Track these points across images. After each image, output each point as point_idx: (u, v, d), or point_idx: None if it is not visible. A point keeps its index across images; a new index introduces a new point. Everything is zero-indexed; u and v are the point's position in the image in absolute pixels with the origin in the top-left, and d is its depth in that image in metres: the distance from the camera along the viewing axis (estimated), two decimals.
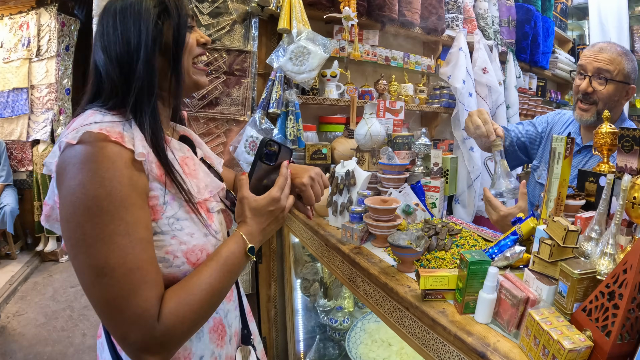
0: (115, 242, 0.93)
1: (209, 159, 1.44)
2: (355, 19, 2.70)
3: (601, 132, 1.53)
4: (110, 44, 1.09)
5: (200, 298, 1.04)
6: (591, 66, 2.08)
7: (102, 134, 0.98)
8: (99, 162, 0.95)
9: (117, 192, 0.95)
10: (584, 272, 1.04)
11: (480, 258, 1.21)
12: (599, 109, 2.09)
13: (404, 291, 1.39)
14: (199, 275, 1.07)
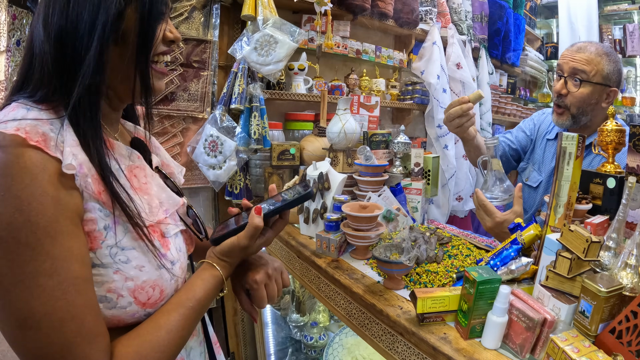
0: (39, 285, 0.72)
1: (167, 167, 1.20)
2: (329, 3, 2.51)
3: (607, 130, 1.42)
4: (54, 15, 0.84)
5: (161, 348, 0.87)
6: (567, 66, 2.00)
7: (18, 136, 0.74)
8: (14, 177, 0.72)
9: (38, 218, 0.73)
10: (611, 289, 0.94)
11: (489, 276, 1.07)
12: (572, 113, 2.02)
13: (396, 314, 1.22)
14: (159, 319, 0.90)
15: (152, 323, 0.88)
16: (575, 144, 1.21)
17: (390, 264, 1.30)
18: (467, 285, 1.08)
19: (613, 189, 1.34)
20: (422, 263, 1.44)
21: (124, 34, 0.88)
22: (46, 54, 0.83)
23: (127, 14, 0.87)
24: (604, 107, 2.01)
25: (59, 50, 0.83)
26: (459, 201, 3.78)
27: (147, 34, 0.90)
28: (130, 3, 0.87)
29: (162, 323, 0.88)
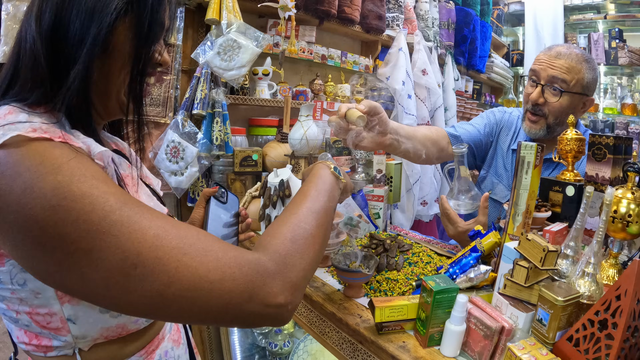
0: (114, 222, 0.66)
1: (147, 179, 1.17)
2: (293, 9, 2.50)
3: (567, 139, 1.44)
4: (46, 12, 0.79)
5: (311, 220, 0.91)
6: (545, 73, 1.83)
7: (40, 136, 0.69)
8: (45, 154, 0.67)
9: (83, 171, 0.68)
10: (568, 297, 0.96)
11: (446, 286, 1.08)
12: (549, 123, 1.87)
13: (355, 322, 1.22)
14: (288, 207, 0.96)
15: (292, 211, 0.93)
16: (534, 153, 1.22)
17: (350, 273, 1.29)
18: (425, 294, 1.08)
19: (572, 197, 1.36)
20: (382, 270, 1.43)
21: (113, 49, 0.83)
22: (38, 50, 0.78)
23: (118, 29, 0.83)
24: (578, 116, 1.89)
25: (49, 50, 0.79)
26: (423, 206, 3.80)
27: (142, 55, 0.87)
28: (124, 17, 0.83)
29: (303, 209, 0.93)
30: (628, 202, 1.05)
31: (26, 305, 0.80)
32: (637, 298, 0.85)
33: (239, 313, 0.73)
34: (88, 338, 0.85)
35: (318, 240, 0.89)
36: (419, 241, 1.76)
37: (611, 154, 1.27)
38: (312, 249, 0.86)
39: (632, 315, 0.85)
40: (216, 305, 0.71)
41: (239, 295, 0.71)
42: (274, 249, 0.80)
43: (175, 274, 0.67)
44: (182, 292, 0.68)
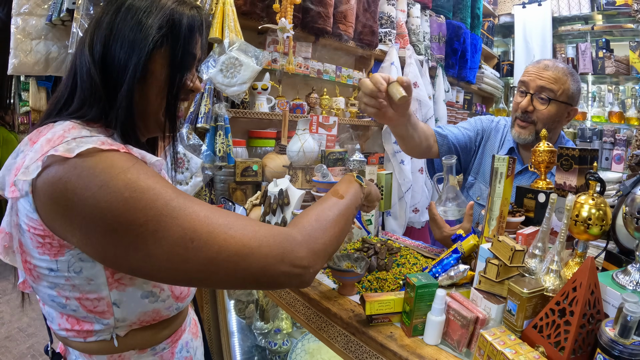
0: (173, 207, 0.82)
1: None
2: (291, 31, 2.63)
3: (539, 151, 1.57)
4: (97, 44, 0.97)
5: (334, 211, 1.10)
6: (534, 84, 1.98)
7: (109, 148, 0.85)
8: (114, 160, 0.83)
9: (145, 171, 0.85)
10: (532, 290, 1.06)
11: (427, 281, 1.20)
12: (538, 129, 1.99)
13: (348, 316, 1.34)
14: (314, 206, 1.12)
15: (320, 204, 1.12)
16: (506, 165, 1.36)
17: (344, 272, 1.41)
18: (409, 289, 1.21)
19: (543, 203, 1.49)
20: (372, 271, 1.56)
21: (151, 75, 0.99)
22: (95, 75, 0.96)
23: (155, 58, 0.99)
24: (563, 124, 2.06)
25: (102, 75, 0.96)
26: (415, 213, 3.90)
27: (175, 82, 1.03)
28: (160, 49, 0.99)
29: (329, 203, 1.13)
30: (589, 207, 1.15)
31: (77, 292, 0.93)
32: (591, 289, 0.96)
33: (273, 272, 0.89)
34: (127, 322, 0.99)
35: (339, 225, 1.07)
36: (407, 245, 1.89)
37: (577, 164, 1.40)
38: (332, 229, 1.04)
39: (587, 304, 0.95)
40: (256, 267, 0.87)
41: (274, 258, 0.88)
42: (302, 224, 0.99)
43: (224, 244, 0.84)
44: (229, 257, 0.84)
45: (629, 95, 4.83)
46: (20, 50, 2.65)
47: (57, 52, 2.75)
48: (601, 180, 1.19)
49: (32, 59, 2.69)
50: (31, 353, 3.79)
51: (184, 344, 1.17)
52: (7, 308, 4.55)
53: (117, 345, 1.00)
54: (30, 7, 2.67)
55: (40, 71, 2.75)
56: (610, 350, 0.88)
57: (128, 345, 1.02)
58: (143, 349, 1.05)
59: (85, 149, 0.81)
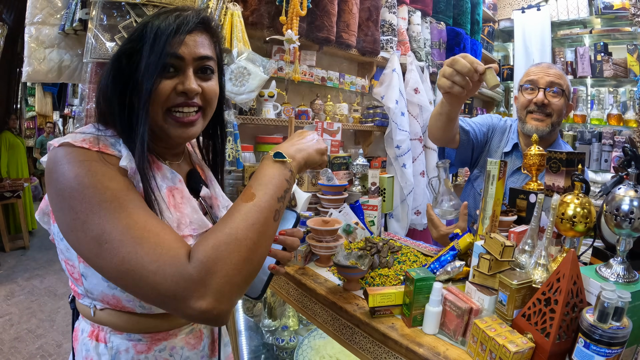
0: (104, 208, 0.89)
1: (213, 200, 1.33)
2: (297, 42, 2.72)
3: (530, 154, 1.66)
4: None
5: (238, 223, 0.93)
6: (543, 80, 2.13)
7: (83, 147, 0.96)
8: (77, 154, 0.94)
9: (100, 170, 0.93)
10: (520, 282, 1.14)
11: (424, 275, 1.29)
12: (553, 121, 2.14)
13: (352, 309, 1.42)
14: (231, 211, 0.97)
15: (225, 217, 0.96)
16: (498, 168, 1.45)
17: (348, 269, 1.49)
18: (408, 282, 1.30)
19: (534, 203, 1.57)
20: (375, 268, 1.64)
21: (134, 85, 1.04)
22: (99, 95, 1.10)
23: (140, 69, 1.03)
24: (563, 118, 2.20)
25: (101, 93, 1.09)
26: (417, 215, 3.95)
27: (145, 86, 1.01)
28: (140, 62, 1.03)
29: (234, 213, 0.95)
30: (575, 206, 1.23)
31: (64, 255, 1.07)
32: (573, 280, 1.03)
33: (171, 304, 0.86)
34: (94, 296, 1.06)
35: (246, 242, 0.91)
36: (408, 244, 1.97)
37: (564, 166, 1.51)
38: (236, 253, 0.89)
39: (570, 293, 1.03)
40: (152, 290, 0.85)
41: (167, 290, 0.84)
42: (197, 256, 0.86)
43: (127, 257, 0.85)
44: (129, 271, 0.85)
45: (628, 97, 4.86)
46: (34, 58, 2.68)
47: (70, 60, 2.79)
48: (585, 181, 1.27)
49: (46, 67, 2.73)
50: (40, 354, 3.83)
51: (168, 346, 1.15)
52: (15, 309, 4.59)
53: (93, 315, 1.08)
54: (43, 16, 2.69)
55: (54, 79, 2.80)
56: (590, 334, 0.95)
57: (102, 320, 1.08)
58: (117, 329, 1.09)
59: (62, 141, 0.96)
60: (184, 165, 1.30)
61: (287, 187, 1.06)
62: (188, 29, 1.06)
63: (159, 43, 1.01)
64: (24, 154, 8.02)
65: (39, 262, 6.18)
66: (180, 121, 1.10)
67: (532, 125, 2.17)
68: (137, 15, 2.33)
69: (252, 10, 2.75)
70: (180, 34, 1.04)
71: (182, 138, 1.14)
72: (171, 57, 1.04)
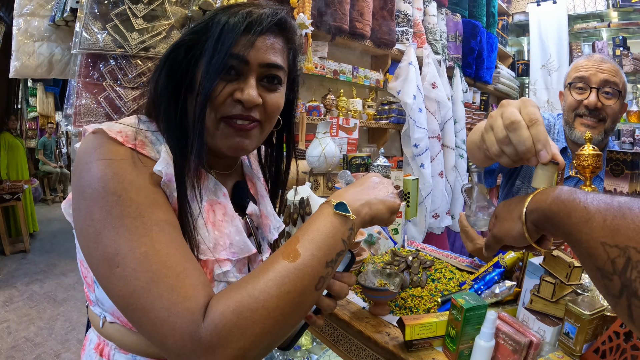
0: (124, 224, 0.77)
1: (263, 219, 1.17)
2: (310, 27, 2.52)
3: (584, 155, 1.44)
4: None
5: (270, 287, 0.75)
6: (596, 78, 1.86)
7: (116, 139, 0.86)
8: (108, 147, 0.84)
9: (129, 174, 0.82)
10: (594, 311, 0.98)
11: (476, 303, 1.10)
12: (607, 127, 1.88)
13: (383, 340, 1.22)
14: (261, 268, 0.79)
15: (258, 272, 0.79)
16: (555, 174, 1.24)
17: (377, 291, 1.31)
18: (455, 311, 1.10)
19: None
20: (406, 288, 1.45)
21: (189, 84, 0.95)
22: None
23: (199, 65, 0.94)
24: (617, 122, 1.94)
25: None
26: (435, 218, 3.83)
27: (204, 88, 0.90)
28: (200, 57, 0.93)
29: (269, 271, 0.78)
30: None
31: (79, 254, 0.95)
32: None
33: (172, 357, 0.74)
34: (106, 307, 0.95)
35: (275, 313, 0.75)
36: (437, 256, 1.78)
37: (629, 169, 1.30)
38: (260, 324, 0.73)
39: None
40: (156, 337, 0.74)
41: (172, 345, 0.72)
42: (213, 316, 0.72)
43: (136, 291, 0.74)
44: (137, 309, 0.74)
45: None
46: (22, 52, 2.60)
47: (61, 54, 2.70)
48: None
49: (35, 62, 2.65)
50: None
51: None
52: (14, 316, 4.51)
53: (102, 326, 0.98)
54: (32, 7, 2.62)
55: (44, 74, 2.71)
56: None
57: (109, 334, 0.98)
58: (123, 348, 0.97)
59: (98, 127, 0.86)
60: (233, 177, 1.17)
61: (342, 249, 0.87)
62: (261, 29, 0.94)
63: (225, 41, 0.91)
64: (24, 155, 8.00)
65: (39, 266, 6.13)
66: (235, 127, 0.97)
67: (581, 132, 1.91)
68: (131, 2, 2.17)
69: None
70: (251, 34, 0.92)
71: (234, 150, 1.00)
72: (235, 59, 0.92)
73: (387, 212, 0.99)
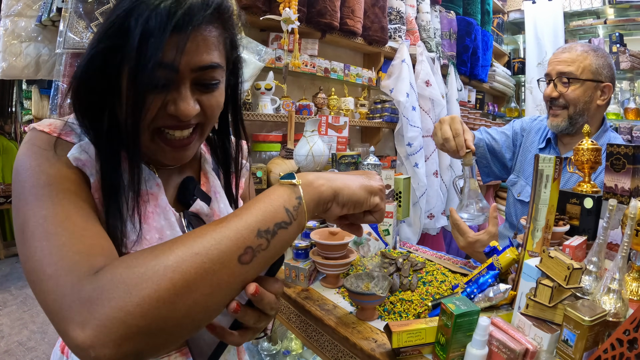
0: (33, 193, 0.77)
1: (215, 217, 1.05)
2: (296, 22, 2.45)
3: (582, 149, 1.42)
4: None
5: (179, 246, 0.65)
6: (554, 71, 2.00)
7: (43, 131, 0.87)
8: (34, 138, 0.85)
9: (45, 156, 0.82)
10: (595, 317, 0.92)
11: (467, 309, 1.03)
12: (570, 113, 1.99)
13: (370, 347, 1.17)
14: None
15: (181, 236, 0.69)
16: (553, 166, 1.18)
17: (363, 295, 1.25)
18: (444, 317, 1.03)
19: (590, 209, 1.33)
20: (395, 291, 1.39)
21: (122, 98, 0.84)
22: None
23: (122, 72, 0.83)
24: (600, 106, 1.99)
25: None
26: (430, 219, 3.79)
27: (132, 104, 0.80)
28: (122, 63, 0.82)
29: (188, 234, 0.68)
30: None
31: None
32: None
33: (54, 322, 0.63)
34: None
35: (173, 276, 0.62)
36: (430, 257, 1.73)
37: (630, 164, 1.24)
38: (152, 285, 0.61)
39: None
40: (42, 298, 0.66)
41: (53, 302, 0.63)
42: (104, 270, 0.64)
43: (32, 252, 0.70)
44: (31, 270, 0.69)
45: None
46: (9, 53, 2.57)
47: (48, 54, 2.64)
48: None
49: (22, 63, 2.60)
50: None
51: None
52: (7, 320, 4.51)
53: None
54: (19, 8, 2.59)
55: (31, 75, 2.66)
56: None
57: None
58: None
59: (32, 126, 0.89)
60: (186, 171, 1.09)
61: (284, 220, 0.73)
62: (191, 25, 0.80)
63: (149, 49, 0.77)
64: None
65: None
66: (171, 145, 0.89)
67: (549, 121, 2.09)
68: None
69: None
70: (179, 35, 0.79)
71: (173, 162, 0.95)
72: (163, 69, 0.80)
73: (360, 189, 0.86)
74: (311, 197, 0.77)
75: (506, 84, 5.47)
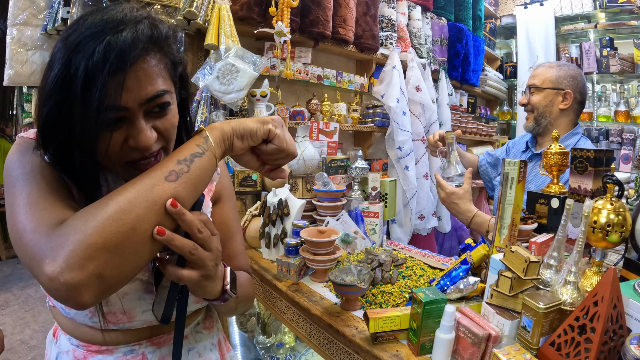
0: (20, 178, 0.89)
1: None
2: (288, 34, 2.55)
3: (550, 153, 1.51)
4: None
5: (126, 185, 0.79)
6: (526, 84, 2.40)
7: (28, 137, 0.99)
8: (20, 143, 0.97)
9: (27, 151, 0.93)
10: (549, 305, 1.00)
11: (435, 297, 1.13)
12: (535, 116, 2.32)
13: (351, 333, 1.27)
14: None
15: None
16: (517, 169, 1.28)
17: (346, 287, 1.35)
18: (415, 305, 1.14)
19: (557, 209, 1.42)
20: (377, 284, 1.49)
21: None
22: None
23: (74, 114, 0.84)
24: (563, 109, 2.25)
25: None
26: (421, 220, 3.83)
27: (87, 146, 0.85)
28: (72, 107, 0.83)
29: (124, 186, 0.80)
30: (608, 212, 1.09)
31: None
32: (614, 303, 0.89)
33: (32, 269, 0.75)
34: None
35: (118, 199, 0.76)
36: (413, 255, 1.82)
37: (592, 166, 1.34)
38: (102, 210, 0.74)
39: (610, 319, 0.89)
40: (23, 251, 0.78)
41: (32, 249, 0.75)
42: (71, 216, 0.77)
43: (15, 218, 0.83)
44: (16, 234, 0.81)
45: (635, 93, 4.76)
46: (15, 61, 2.61)
47: None
48: (619, 183, 1.13)
49: (28, 70, 2.65)
50: None
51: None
52: (9, 320, 4.54)
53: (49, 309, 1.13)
54: (25, 17, 2.63)
55: (36, 82, 2.66)
56: None
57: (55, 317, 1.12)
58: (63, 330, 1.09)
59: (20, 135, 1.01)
60: None
61: (196, 151, 0.87)
62: (128, 63, 0.82)
63: (93, 96, 0.80)
64: None
65: None
66: (142, 169, 0.89)
67: (524, 125, 2.43)
68: None
69: (242, 4, 2.57)
70: (117, 76, 0.81)
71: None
72: (111, 111, 0.83)
73: (252, 122, 0.97)
74: (215, 134, 0.92)
75: (498, 87, 5.46)
